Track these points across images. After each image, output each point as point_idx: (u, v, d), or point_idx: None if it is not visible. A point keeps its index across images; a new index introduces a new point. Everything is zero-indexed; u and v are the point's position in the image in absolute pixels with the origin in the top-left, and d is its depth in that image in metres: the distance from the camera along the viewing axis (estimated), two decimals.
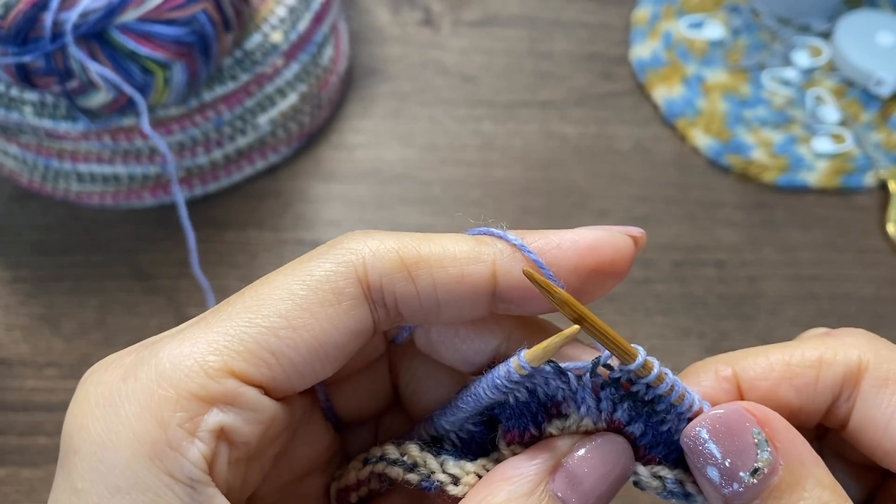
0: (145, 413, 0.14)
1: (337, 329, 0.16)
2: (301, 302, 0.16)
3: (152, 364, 0.15)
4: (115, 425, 0.14)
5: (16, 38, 0.36)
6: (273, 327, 0.15)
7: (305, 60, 0.46)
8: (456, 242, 0.17)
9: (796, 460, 0.15)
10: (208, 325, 0.16)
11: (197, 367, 0.15)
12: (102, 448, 0.14)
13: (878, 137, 0.50)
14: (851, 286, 0.45)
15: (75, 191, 0.45)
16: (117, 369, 0.15)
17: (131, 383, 0.15)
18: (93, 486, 0.14)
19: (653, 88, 0.52)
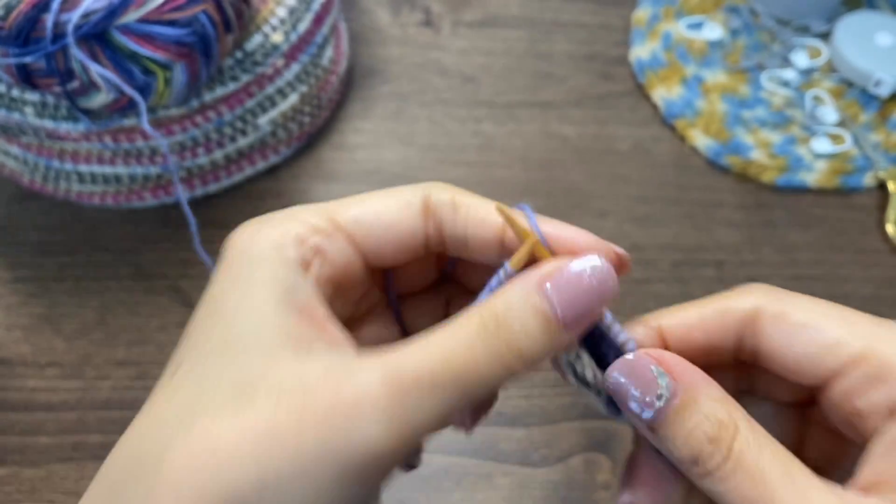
0: (275, 230, 0.20)
1: (403, 224, 0.21)
2: (383, 199, 0.22)
3: (282, 214, 0.21)
4: (255, 236, 0.20)
5: (17, 39, 0.36)
6: (359, 210, 0.22)
7: (306, 61, 0.46)
8: (488, 202, 0.22)
9: (690, 384, 0.19)
10: (327, 203, 0.22)
11: (309, 213, 0.21)
12: (248, 246, 0.20)
13: (877, 138, 0.51)
14: (850, 286, 0.45)
15: (76, 191, 0.45)
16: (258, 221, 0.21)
17: (266, 221, 0.21)
18: (227, 270, 0.20)
19: (652, 89, 0.53)
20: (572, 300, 0.19)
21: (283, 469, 0.16)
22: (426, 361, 0.17)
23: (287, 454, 0.16)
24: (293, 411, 0.16)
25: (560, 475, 0.38)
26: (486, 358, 0.18)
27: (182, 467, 0.16)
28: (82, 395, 0.40)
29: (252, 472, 0.16)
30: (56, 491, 0.37)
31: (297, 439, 0.16)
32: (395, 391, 0.16)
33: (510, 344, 0.18)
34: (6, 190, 0.47)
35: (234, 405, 0.17)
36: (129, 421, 0.39)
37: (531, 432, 0.39)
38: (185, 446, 0.16)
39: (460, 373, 0.17)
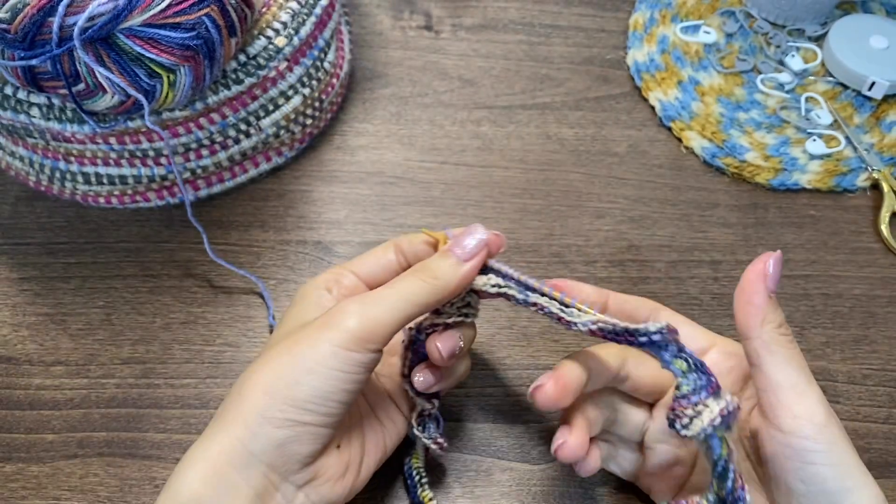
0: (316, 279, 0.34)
1: (384, 258, 0.34)
2: (369, 254, 0.35)
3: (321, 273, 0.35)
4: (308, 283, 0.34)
5: (23, 43, 0.37)
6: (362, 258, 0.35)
7: (308, 64, 0.46)
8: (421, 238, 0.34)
9: None
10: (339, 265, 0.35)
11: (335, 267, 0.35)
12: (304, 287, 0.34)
13: (871, 139, 0.51)
14: (844, 285, 0.45)
15: (82, 192, 0.46)
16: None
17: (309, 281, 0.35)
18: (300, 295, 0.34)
19: (649, 92, 0.53)
20: (463, 246, 0.31)
21: (303, 353, 0.29)
22: (382, 290, 0.30)
23: (304, 345, 0.29)
24: (306, 328, 0.30)
25: (559, 471, 0.38)
26: (418, 284, 0.30)
27: (247, 373, 0.30)
28: (88, 393, 0.40)
29: (286, 363, 0.28)
30: (61, 488, 0.37)
31: (308, 338, 0.29)
32: (361, 303, 0.29)
33: (430, 273, 0.30)
34: (13, 191, 0.48)
35: (283, 339, 0.30)
36: (134, 418, 0.40)
37: (530, 429, 0.39)
38: (254, 364, 0.30)
39: (402, 293, 0.30)
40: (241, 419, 0.28)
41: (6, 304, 0.43)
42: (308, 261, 0.45)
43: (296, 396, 0.28)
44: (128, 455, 0.38)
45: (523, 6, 0.59)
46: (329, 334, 0.28)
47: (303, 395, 0.28)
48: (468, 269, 0.30)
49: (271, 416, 0.28)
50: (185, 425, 0.39)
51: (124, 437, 0.39)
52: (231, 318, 0.43)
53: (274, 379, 0.28)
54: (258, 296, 0.44)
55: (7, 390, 0.40)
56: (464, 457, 0.39)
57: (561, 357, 0.42)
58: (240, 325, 0.43)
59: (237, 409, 0.28)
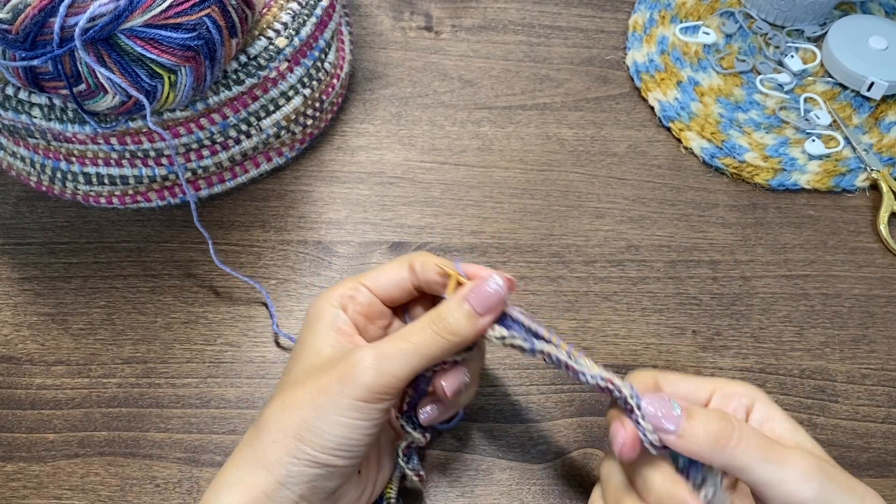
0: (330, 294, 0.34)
1: (398, 277, 0.34)
2: (383, 269, 0.35)
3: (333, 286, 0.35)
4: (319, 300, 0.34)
5: (24, 43, 0.37)
6: (375, 274, 0.35)
7: (309, 65, 0.46)
8: (443, 260, 0.34)
9: (686, 405, 0.30)
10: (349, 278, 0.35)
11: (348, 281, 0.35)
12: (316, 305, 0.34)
13: (870, 139, 0.51)
14: (843, 285, 0.45)
15: (83, 192, 0.46)
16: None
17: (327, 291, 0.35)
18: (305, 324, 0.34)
19: (648, 92, 0.53)
20: (477, 297, 0.31)
21: (325, 404, 0.30)
22: (396, 342, 0.31)
23: (325, 398, 0.30)
24: (326, 376, 0.30)
25: (558, 470, 0.38)
26: (433, 337, 0.31)
27: (276, 415, 0.31)
28: (89, 393, 0.40)
29: (309, 411, 0.30)
30: (62, 487, 0.37)
31: (329, 391, 0.30)
32: (376, 355, 0.30)
33: (446, 327, 0.31)
34: (14, 191, 0.48)
35: (301, 381, 0.31)
36: (135, 418, 0.40)
37: (530, 428, 0.40)
38: (279, 404, 0.31)
39: (416, 345, 0.30)
40: (274, 458, 0.30)
41: (7, 303, 0.43)
42: (308, 261, 0.45)
43: (325, 445, 0.30)
44: (129, 454, 0.38)
45: (523, 7, 0.59)
46: (348, 390, 0.30)
47: (331, 444, 0.30)
48: (484, 323, 0.31)
49: (303, 458, 0.30)
50: (186, 425, 0.39)
51: (125, 436, 0.39)
52: (232, 317, 0.43)
53: (303, 428, 0.30)
54: (262, 301, 0.44)
55: (8, 390, 0.40)
56: (464, 456, 0.39)
57: None
58: (241, 325, 0.43)
59: (271, 449, 0.30)
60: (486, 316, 0.31)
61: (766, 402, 0.31)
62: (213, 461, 0.38)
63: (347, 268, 0.45)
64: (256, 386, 0.41)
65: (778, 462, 0.28)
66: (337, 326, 0.32)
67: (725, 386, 0.32)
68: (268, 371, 0.41)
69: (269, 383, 0.41)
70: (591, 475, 0.38)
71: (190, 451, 0.38)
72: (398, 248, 0.46)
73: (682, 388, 0.32)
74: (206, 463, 0.38)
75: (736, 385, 0.32)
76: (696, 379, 0.33)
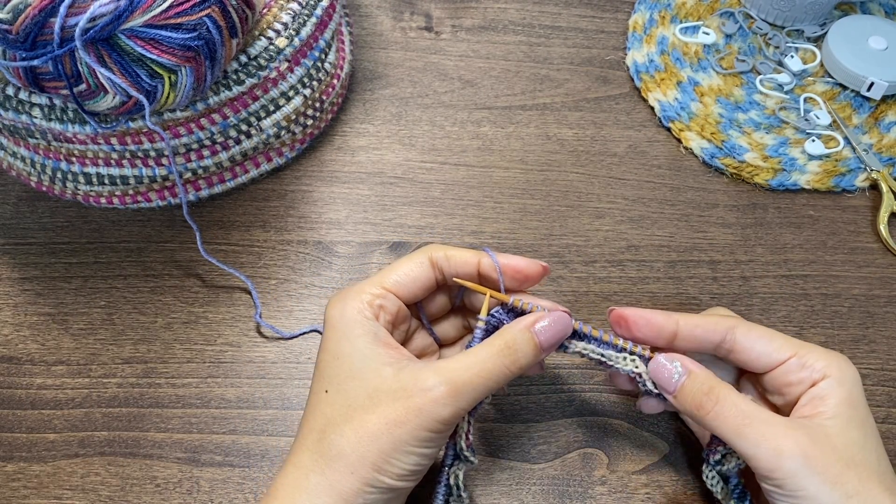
0: (355, 302, 0.33)
1: (422, 275, 0.35)
2: (405, 264, 0.35)
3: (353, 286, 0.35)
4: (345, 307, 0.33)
5: (24, 43, 0.37)
6: (395, 275, 0.34)
7: (309, 65, 0.46)
8: (466, 252, 0.35)
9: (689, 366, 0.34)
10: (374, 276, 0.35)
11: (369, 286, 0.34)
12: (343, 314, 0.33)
13: (870, 140, 0.51)
14: (843, 285, 0.46)
15: (83, 192, 0.46)
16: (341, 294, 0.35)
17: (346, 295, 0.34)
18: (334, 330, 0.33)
19: (648, 92, 0.53)
20: (548, 335, 0.33)
21: (402, 437, 0.30)
22: (468, 373, 0.31)
23: (402, 430, 0.30)
24: (402, 407, 0.30)
25: (558, 470, 0.38)
26: (501, 369, 0.31)
27: (352, 445, 0.30)
28: (89, 393, 0.40)
29: (387, 443, 0.30)
30: (63, 487, 0.37)
31: (406, 424, 0.30)
32: (452, 392, 0.30)
33: (515, 361, 0.32)
34: (14, 191, 0.48)
35: (371, 405, 0.31)
36: (135, 418, 0.40)
37: (529, 428, 0.40)
38: (352, 432, 0.31)
39: (487, 378, 0.31)
40: (350, 488, 0.30)
41: (8, 303, 0.43)
42: (309, 261, 0.45)
43: (400, 474, 0.31)
44: (129, 454, 0.38)
45: (523, 7, 0.59)
46: (427, 423, 0.30)
47: (405, 472, 0.31)
48: (545, 355, 0.33)
49: (379, 486, 0.31)
50: (186, 424, 0.39)
51: (125, 436, 0.39)
52: (232, 317, 0.43)
53: (381, 460, 0.30)
54: (260, 295, 0.44)
55: (9, 390, 0.40)
56: None
57: (559, 355, 0.42)
58: (241, 325, 0.43)
59: (348, 480, 0.30)
60: (548, 349, 0.33)
61: (835, 382, 0.32)
62: (213, 461, 0.38)
63: (347, 268, 0.45)
64: (256, 386, 0.41)
65: (749, 440, 0.31)
66: (382, 341, 0.32)
67: (809, 355, 0.33)
68: (268, 371, 0.41)
69: (269, 383, 0.41)
70: (591, 475, 0.38)
71: (190, 451, 0.38)
72: (398, 248, 0.46)
73: (757, 346, 0.34)
74: (207, 463, 0.38)
75: (821, 358, 0.33)
76: (777, 340, 0.34)
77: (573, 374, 0.41)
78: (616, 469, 0.39)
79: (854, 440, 0.31)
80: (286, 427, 0.39)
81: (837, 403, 0.32)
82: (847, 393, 0.32)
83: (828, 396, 0.32)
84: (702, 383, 0.32)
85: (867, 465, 0.31)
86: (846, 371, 0.33)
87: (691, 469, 0.39)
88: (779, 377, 0.34)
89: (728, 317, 0.36)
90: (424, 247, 0.35)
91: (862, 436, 0.31)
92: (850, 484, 0.30)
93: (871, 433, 0.32)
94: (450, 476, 0.34)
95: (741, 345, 0.35)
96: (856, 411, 0.32)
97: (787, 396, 0.34)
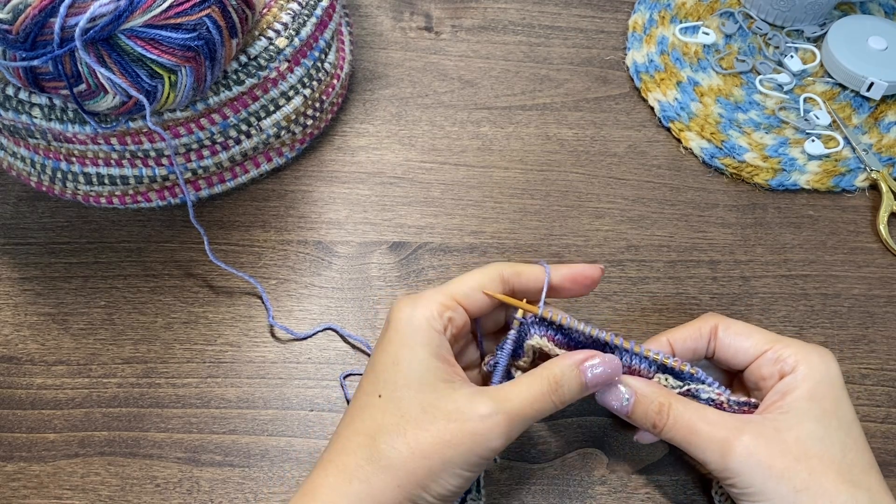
0: (426, 309, 0.33)
1: (492, 289, 0.34)
2: (477, 278, 0.34)
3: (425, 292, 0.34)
4: (414, 313, 0.33)
5: (25, 43, 0.37)
6: (466, 287, 0.34)
7: (309, 65, 0.46)
8: (536, 267, 0.35)
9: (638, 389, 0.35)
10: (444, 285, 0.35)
11: (440, 295, 0.34)
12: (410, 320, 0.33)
13: (870, 140, 0.51)
14: (842, 285, 0.46)
15: (83, 192, 0.46)
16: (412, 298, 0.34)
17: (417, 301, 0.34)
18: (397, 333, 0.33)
19: (648, 92, 0.53)
20: (596, 378, 0.33)
21: (453, 459, 0.30)
22: (521, 405, 0.31)
23: (454, 452, 0.30)
24: (457, 430, 0.30)
25: (558, 470, 0.38)
26: (549, 402, 0.32)
27: (403, 458, 0.30)
28: (89, 393, 0.40)
29: (437, 462, 0.30)
30: (63, 487, 0.37)
31: (459, 447, 0.30)
32: (506, 423, 0.31)
33: (561, 397, 0.32)
34: (14, 191, 0.48)
35: (425, 420, 0.31)
36: (135, 418, 0.40)
37: (530, 428, 0.40)
38: (404, 445, 0.30)
39: (536, 410, 0.32)
40: (393, 500, 0.30)
41: (8, 303, 0.43)
42: (309, 261, 0.45)
43: (442, 494, 0.31)
44: (129, 454, 0.38)
45: (523, 7, 0.59)
46: (478, 450, 0.30)
47: (447, 493, 0.31)
48: (587, 393, 0.34)
49: (416, 502, 0.31)
50: (186, 424, 0.39)
51: (125, 436, 0.39)
52: (232, 317, 0.43)
53: (428, 478, 0.30)
54: (259, 296, 0.44)
55: (9, 390, 0.40)
56: None
57: None
58: (241, 325, 0.43)
59: (392, 493, 0.30)
60: (593, 389, 0.33)
61: (805, 373, 0.33)
62: (213, 461, 0.38)
63: (347, 268, 0.45)
64: (256, 386, 0.41)
65: (697, 446, 0.32)
66: (441, 355, 0.32)
67: (782, 348, 0.34)
68: (268, 371, 0.41)
69: (270, 383, 0.41)
70: (591, 475, 0.38)
71: (190, 451, 0.38)
72: (398, 248, 0.46)
73: (736, 343, 0.35)
74: (207, 463, 0.38)
75: (791, 348, 0.34)
76: (755, 336, 0.35)
77: None
78: (616, 469, 0.39)
79: (809, 433, 0.31)
80: (286, 427, 0.39)
81: (796, 398, 0.32)
82: (811, 386, 0.32)
83: (789, 391, 0.33)
84: (650, 402, 0.33)
85: (824, 458, 0.31)
86: (817, 365, 0.33)
87: (691, 469, 0.39)
88: (754, 371, 0.35)
89: (710, 316, 0.36)
90: (494, 263, 0.36)
91: (821, 428, 0.31)
92: (799, 478, 0.30)
93: (837, 425, 0.32)
94: None
95: (721, 342, 0.35)
96: (816, 404, 0.32)
97: (762, 391, 0.34)
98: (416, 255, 0.46)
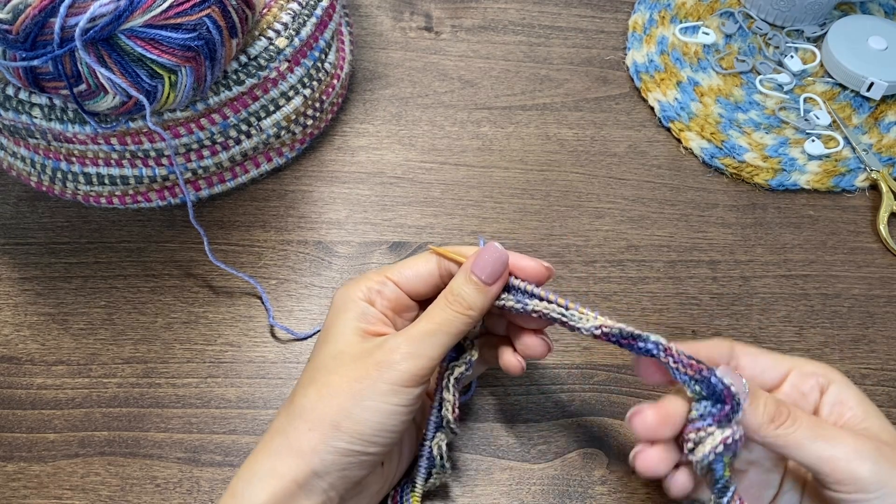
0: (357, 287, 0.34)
1: (427, 272, 0.35)
2: (410, 263, 0.35)
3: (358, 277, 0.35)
4: (348, 291, 0.34)
5: (25, 43, 0.37)
6: (398, 266, 0.35)
7: (309, 65, 0.46)
8: (472, 248, 0.34)
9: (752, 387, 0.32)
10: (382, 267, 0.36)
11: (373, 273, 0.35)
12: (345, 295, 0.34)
13: (870, 140, 0.51)
14: (842, 285, 0.46)
15: (83, 192, 0.46)
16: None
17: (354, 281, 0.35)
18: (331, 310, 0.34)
19: (648, 92, 0.54)
20: (481, 266, 0.33)
21: (362, 391, 0.31)
22: (423, 325, 0.32)
23: (361, 385, 0.31)
24: (363, 364, 0.31)
25: (558, 470, 0.38)
26: (452, 314, 0.32)
27: (312, 402, 0.31)
28: (89, 393, 0.40)
29: (346, 398, 0.30)
30: (63, 487, 0.37)
31: (365, 379, 0.31)
32: (407, 342, 0.31)
33: (461, 303, 0.32)
34: (14, 191, 0.48)
35: (334, 365, 0.32)
36: (135, 418, 0.40)
37: (529, 428, 0.40)
38: (314, 391, 0.31)
39: (441, 325, 0.32)
40: (309, 446, 0.30)
41: (8, 303, 0.43)
42: (309, 261, 0.45)
43: (362, 432, 0.30)
44: (129, 454, 0.38)
45: (523, 7, 0.59)
46: (387, 375, 0.31)
47: (369, 431, 0.30)
48: (493, 293, 0.33)
49: (339, 447, 0.30)
50: (186, 424, 0.39)
51: (126, 436, 0.39)
52: (232, 317, 0.43)
53: (341, 415, 0.30)
54: (259, 296, 0.44)
55: (9, 390, 0.40)
56: (463, 456, 0.39)
57: (559, 355, 0.42)
58: (241, 325, 0.43)
59: (306, 437, 0.30)
60: (495, 285, 0.33)
61: (843, 385, 0.32)
62: (213, 461, 0.38)
63: (347, 268, 0.45)
64: (256, 386, 0.41)
65: (828, 440, 0.30)
66: (366, 318, 0.33)
67: (804, 365, 0.33)
68: (268, 371, 0.41)
69: (270, 383, 0.41)
70: (591, 475, 0.38)
71: (190, 451, 0.38)
72: (398, 248, 0.46)
73: (760, 362, 0.33)
74: (207, 463, 0.38)
75: (814, 365, 0.33)
76: (774, 355, 0.34)
77: (573, 374, 0.41)
78: (616, 469, 0.39)
79: (886, 429, 0.32)
80: None
81: (859, 402, 0.32)
82: (857, 391, 0.33)
83: (846, 400, 0.32)
84: (768, 398, 0.31)
85: None
86: (839, 375, 0.33)
87: None
88: (793, 392, 0.33)
89: (722, 340, 0.35)
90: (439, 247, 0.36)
91: (886, 423, 0.32)
92: None
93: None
94: (433, 447, 0.35)
95: (744, 361, 0.34)
96: (870, 406, 0.33)
97: (806, 407, 0.33)
98: (417, 254, 0.46)
